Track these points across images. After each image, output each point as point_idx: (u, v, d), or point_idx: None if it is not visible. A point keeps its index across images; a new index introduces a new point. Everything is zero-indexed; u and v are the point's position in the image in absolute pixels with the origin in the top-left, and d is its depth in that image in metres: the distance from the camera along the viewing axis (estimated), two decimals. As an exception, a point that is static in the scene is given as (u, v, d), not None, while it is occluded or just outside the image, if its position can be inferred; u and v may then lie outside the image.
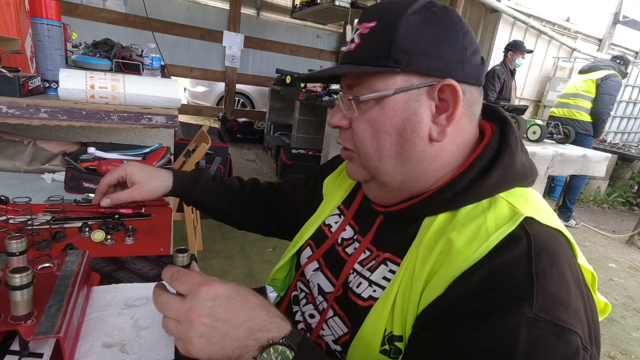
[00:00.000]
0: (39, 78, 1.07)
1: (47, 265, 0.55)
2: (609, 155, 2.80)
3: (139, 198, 0.76)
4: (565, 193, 3.93)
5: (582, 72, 3.87)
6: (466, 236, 0.47)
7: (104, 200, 0.74)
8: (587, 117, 3.70)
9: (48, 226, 0.77)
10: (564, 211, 3.92)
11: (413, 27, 0.49)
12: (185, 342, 0.42)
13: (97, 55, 2.02)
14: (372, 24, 0.52)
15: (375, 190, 0.59)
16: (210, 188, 0.85)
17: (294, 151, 4.20)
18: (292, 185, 0.88)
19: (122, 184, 0.77)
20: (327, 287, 0.64)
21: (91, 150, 1.01)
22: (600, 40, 5.69)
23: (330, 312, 0.61)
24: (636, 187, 5.37)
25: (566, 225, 3.76)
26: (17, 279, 0.42)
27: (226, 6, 5.28)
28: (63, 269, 0.55)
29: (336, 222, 0.70)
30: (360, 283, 0.57)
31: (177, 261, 0.50)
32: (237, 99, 6.15)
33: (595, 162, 2.68)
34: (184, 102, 6.48)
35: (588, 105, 3.70)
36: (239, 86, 5.84)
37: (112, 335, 0.53)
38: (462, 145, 0.55)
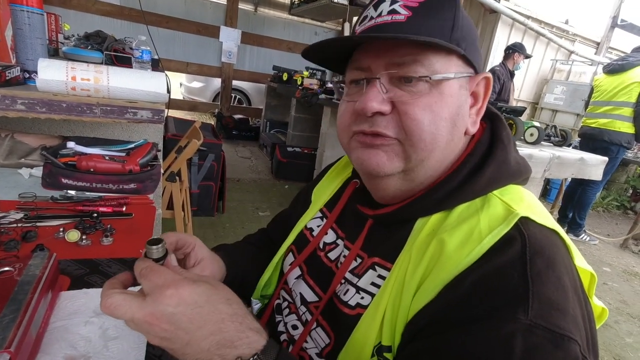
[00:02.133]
0: (18, 68, 1.02)
1: (6, 269, 0.50)
2: (606, 158, 2.78)
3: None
4: (575, 208, 3.64)
5: (613, 72, 3.32)
6: (458, 239, 0.44)
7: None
8: (630, 128, 3.22)
9: (17, 225, 0.72)
10: (574, 227, 3.68)
11: (464, 17, 0.48)
12: (147, 338, 0.38)
13: (89, 47, 1.97)
14: None
15: (395, 187, 0.52)
16: (244, 259, 0.72)
17: (289, 149, 4.16)
18: (284, 222, 0.78)
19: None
20: (310, 296, 0.60)
21: (71, 144, 0.96)
22: (598, 44, 5.70)
23: (314, 324, 0.57)
24: (631, 191, 5.39)
25: (575, 240, 3.63)
26: (-37, 288, 0.38)
27: (223, 1, 5.21)
28: (24, 273, 0.50)
29: (318, 226, 0.66)
30: (347, 290, 0.53)
31: (151, 254, 0.42)
32: (233, 95, 6.08)
33: (592, 166, 2.66)
34: (180, 97, 6.41)
35: (630, 112, 3.19)
36: (235, 82, 5.78)
37: (77, 347, 0.49)
38: (467, 140, 0.54)
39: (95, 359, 0.47)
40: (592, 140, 3.44)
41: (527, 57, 4.02)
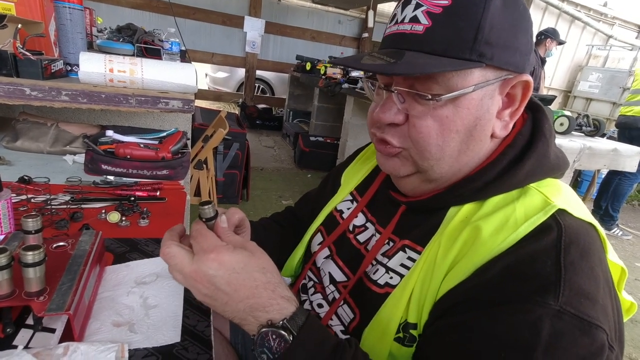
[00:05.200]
0: (62, 61, 1.09)
1: (61, 244, 0.56)
2: (642, 149, 2.64)
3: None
4: (609, 199, 3.49)
5: None
6: (493, 225, 0.45)
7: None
8: None
9: (66, 206, 0.79)
10: (606, 219, 3.53)
11: (498, 14, 0.44)
12: (193, 292, 0.43)
13: (121, 40, 2.05)
14: (446, 3, 0.44)
15: (414, 185, 0.55)
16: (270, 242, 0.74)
17: (312, 139, 4.19)
18: (312, 202, 0.82)
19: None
20: (340, 276, 0.63)
21: (109, 133, 1.03)
22: (640, 27, 5.37)
23: (341, 301, 0.60)
24: (671, 184, 5.09)
25: (607, 235, 3.52)
26: (30, 257, 0.43)
27: (248, -10, 5.25)
28: (77, 248, 0.56)
29: (348, 209, 0.69)
30: (377, 270, 0.56)
31: (203, 214, 0.48)
32: (257, 85, 6.15)
33: (626, 157, 2.54)
34: (205, 87, 6.54)
35: None
36: (259, 72, 5.83)
37: (122, 315, 0.54)
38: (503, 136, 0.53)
39: (138, 326, 0.53)
40: (627, 129, 3.33)
41: (561, 43, 3.85)
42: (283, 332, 0.40)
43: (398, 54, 0.46)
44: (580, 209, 0.47)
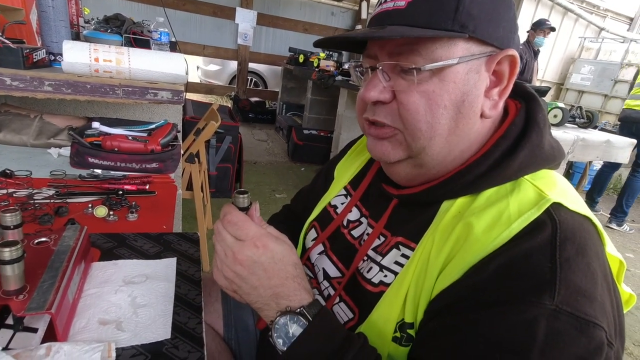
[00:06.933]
0: (44, 50, 1.05)
1: (43, 239, 0.54)
2: (634, 141, 2.66)
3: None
4: (622, 195, 3.43)
5: None
6: (486, 222, 0.44)
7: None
8: None
9: (50, 200, 0.76)
10: (619, 215, 3.50)
11: None
12: (222, 269, 0.47)
13: (109, 30, 1.99)
14: None
15: (406, 172, 0.53)
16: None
17: (305, 132, 4.15)
18: (305, 197, 0.82)
19: None
20: (333, 272, 0.61)
21: (95, 125, 1.00)
22: (632, 19, 5.39)
23: (337, 299, 0.59)
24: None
25: (615, 230, 3.47)
26: (7, 253, 0.41)
27: (239, -19, 5.15)
28: (59, 244, 0.53)
29: (342, 203, 0.67)
30: (370, 268, 0.54)
31: (238, 202, 0.50)
32: (249, 78, 6.07)
33: (618, 148, 2.56)
34: (197, 80, 6.45)
35: None
36: (251, 65, 5.75)
37: (109, 313, 0.52)
38: (496, 122, 0.52)
39: (126, 324, 0.51)
40: (635, 123, 3.20)
41: (550, 29, 3.77)
42: (300, 318, 0.44)
43: (381, 28, 0.47)
44: (576, 202, 0.45)
